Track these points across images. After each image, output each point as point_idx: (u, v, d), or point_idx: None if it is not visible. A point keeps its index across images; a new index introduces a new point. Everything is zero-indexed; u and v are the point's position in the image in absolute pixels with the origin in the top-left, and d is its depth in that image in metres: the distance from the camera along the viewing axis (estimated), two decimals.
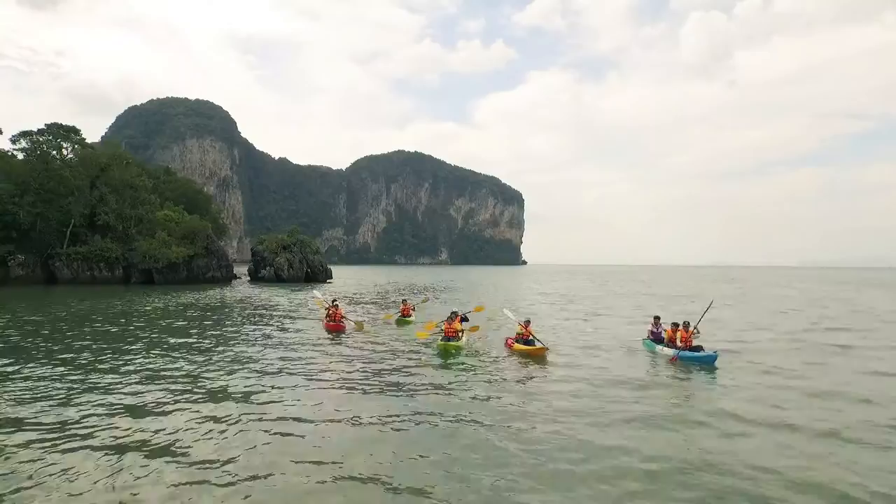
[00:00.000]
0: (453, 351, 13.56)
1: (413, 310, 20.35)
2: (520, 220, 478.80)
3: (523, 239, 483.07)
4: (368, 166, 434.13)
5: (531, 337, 13.72)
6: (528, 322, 14.25)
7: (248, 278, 59.42)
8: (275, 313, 24.04)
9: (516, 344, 13.73)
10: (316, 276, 57.52)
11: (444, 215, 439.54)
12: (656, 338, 14.49)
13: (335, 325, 16.98)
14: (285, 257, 55.83)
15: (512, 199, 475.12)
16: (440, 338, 14.19)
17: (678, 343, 13.21)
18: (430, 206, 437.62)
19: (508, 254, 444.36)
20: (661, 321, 15.09)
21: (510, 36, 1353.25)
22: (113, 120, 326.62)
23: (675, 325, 13.91)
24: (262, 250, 57.48)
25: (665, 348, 13.67)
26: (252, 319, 21.72)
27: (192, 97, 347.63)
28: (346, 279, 69.04)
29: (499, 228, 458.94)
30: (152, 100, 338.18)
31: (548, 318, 22.46)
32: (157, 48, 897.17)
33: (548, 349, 13.27)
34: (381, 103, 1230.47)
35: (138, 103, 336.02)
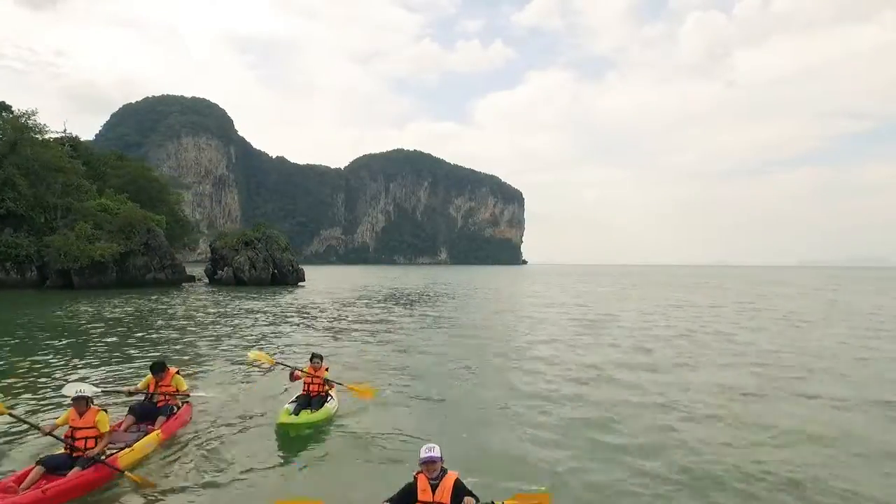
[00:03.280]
0: None
1: (330, 389, 8.23)
2: (520, 219, 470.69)
3: (523, 238, 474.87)
4: (367, 165, 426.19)
5: None
6: None
7: (207, 280, 50.67)
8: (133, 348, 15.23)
9: None
10: (284, 277, 48.63)
11: (443, 214, 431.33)
12: None
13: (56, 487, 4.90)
14: (246, 255, 46.95)
15: (512, 197, 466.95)
16: None
17: None
18: (430, 205, 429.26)
19: (508, 253, 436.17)
20: None
21: (509, 36, 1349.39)
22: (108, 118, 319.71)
23: None
24: (221, 247, 48.65)
25: None
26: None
27: (188, 95, 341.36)
28: (324, 282, 60.24)
29: (499, 228, 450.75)
30: (147, 98, 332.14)
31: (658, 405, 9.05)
32: (156, 48, 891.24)
33: None
34: (381, 103, 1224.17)
35: (133, 101, 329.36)
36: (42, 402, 8.60)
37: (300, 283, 50.04)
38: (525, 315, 23.82)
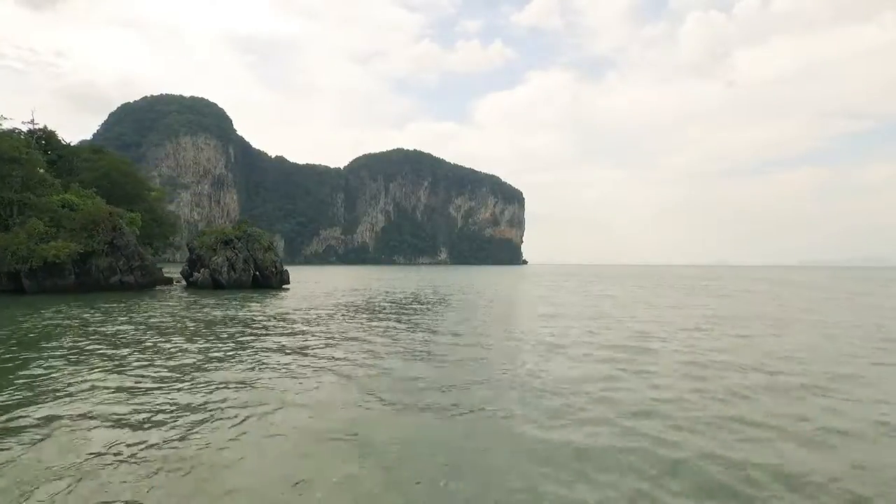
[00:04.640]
0: None
1: None
2: (520, 218, 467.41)
3: (524, 238, 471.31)
4: (367, 165, 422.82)
5: None
6: None
7: (184, 283, 46.57)
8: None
9: None
10: (267, 280, 44.51)
11: (443, 214, 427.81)
12: None
13: None
14: (225, 256, 42.84)
15: (512, 197, 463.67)
16: None
17: None
18: (430, 204, 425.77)
19: (509, 253, 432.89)
20: None
21: (509, 36, 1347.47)
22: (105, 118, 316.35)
23: None
24: (198, 247, 44.55)
25: None
26: None
27: (187, 94, 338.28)
28: (311, 285, 56.13)
29: (499, 228, 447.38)
30: (146, 97, 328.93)
31: None
32: (156, 48, 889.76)
33: None
34: (381, 103, 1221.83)
35: (131, 100, 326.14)
36: None
37: (284, 286, 45.94)
38: (541, 340, 17.22)
